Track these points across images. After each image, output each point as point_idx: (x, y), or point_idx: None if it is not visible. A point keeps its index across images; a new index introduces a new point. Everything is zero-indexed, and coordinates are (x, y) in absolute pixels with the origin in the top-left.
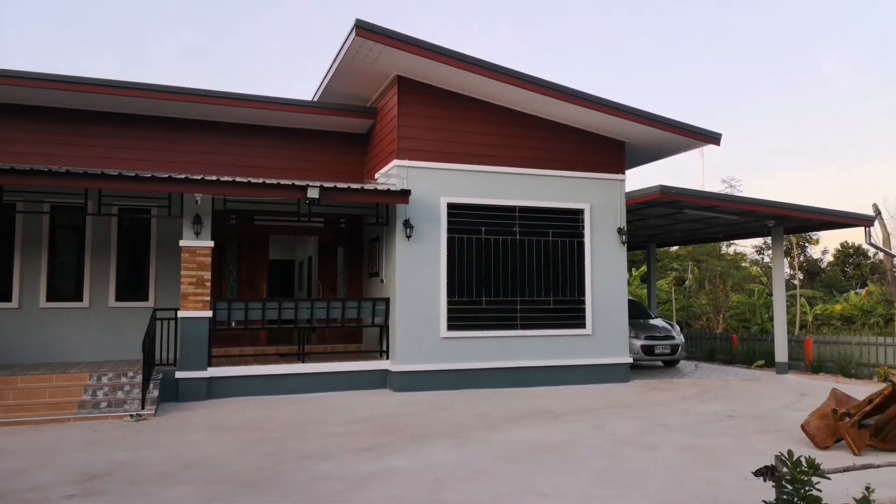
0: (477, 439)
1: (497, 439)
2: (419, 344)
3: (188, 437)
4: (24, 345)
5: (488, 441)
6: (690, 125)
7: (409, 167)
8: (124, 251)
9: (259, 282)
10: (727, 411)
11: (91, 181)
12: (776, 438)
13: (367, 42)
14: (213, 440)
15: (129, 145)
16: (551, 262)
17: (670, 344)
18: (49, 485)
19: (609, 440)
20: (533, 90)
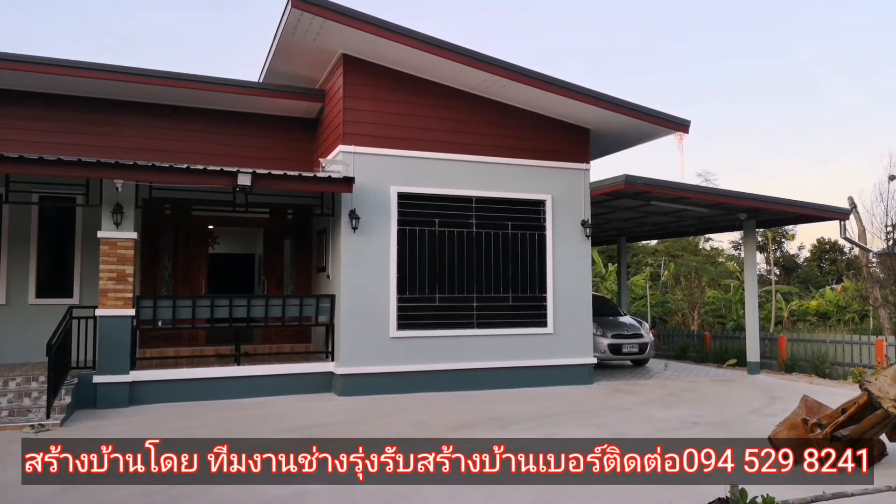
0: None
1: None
2: (366, 344)
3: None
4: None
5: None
6: (658, 111)
7: (354, 153)
8: (46, 244)
9: (197, 277)
10: (692, 417)
11: (2, 165)
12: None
13: (305, 15)
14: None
15: (54, 128)
16: (510, 256)
17: (639, 342)
18: None
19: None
20: (489, 71)
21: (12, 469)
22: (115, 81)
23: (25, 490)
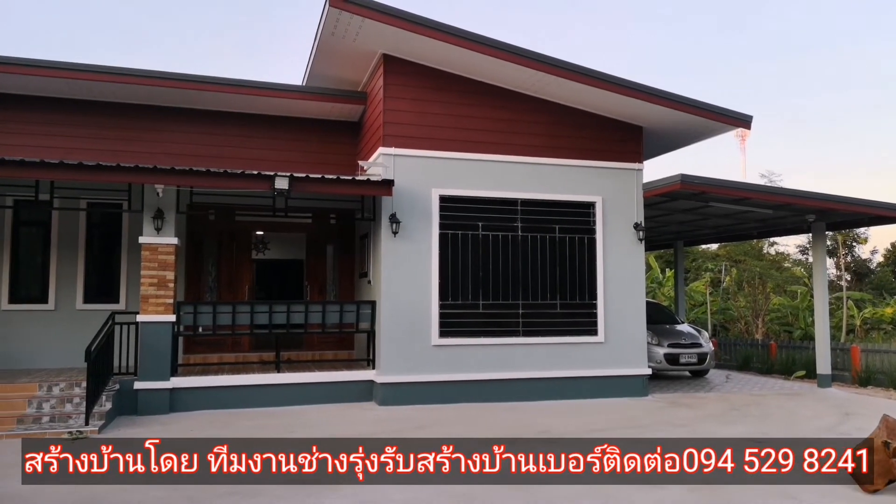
0: (441, 473)
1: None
2: (407, 352)
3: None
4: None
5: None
6: (716, 106)
7: (395, 155)
8: (93, 250)
9: (241, 283)
10: (756, 435)
11: (41, 171)
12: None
13: (344, 14)
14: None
15: (98, 135)
16: (558, 261)
17: (697, 352)
18: None
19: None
20: (535, 68)
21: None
22: (160, 87)
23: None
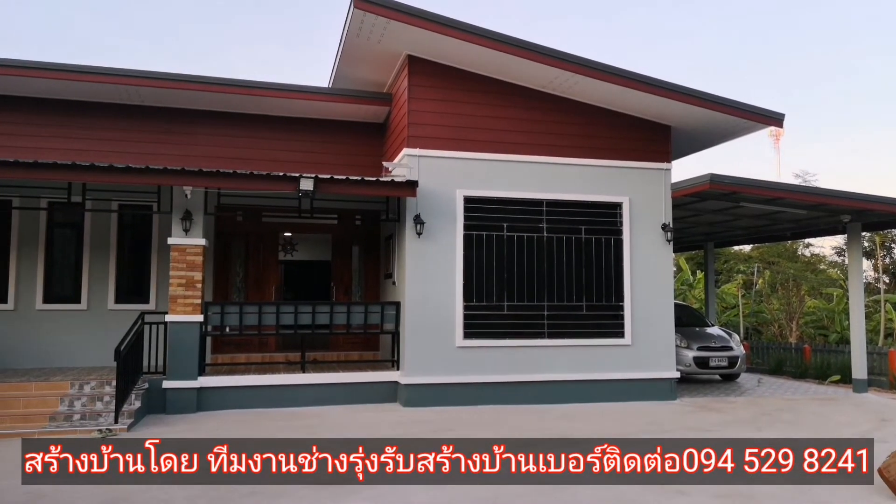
0: (464, 477)
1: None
2: (431, 353)
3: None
4: (19, 348)
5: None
6: (748, 104)
7: (419, 156)
8: (125, 251)
9: (268, 284)
10: (786, 442)
11: (72, 173)
12: (846, 484)
13: (368, 15)
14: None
15: (129, 138)
16: (584, 262)
17: (728, 355)
18: None
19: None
20: (561, 67)
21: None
22: (190, 91)
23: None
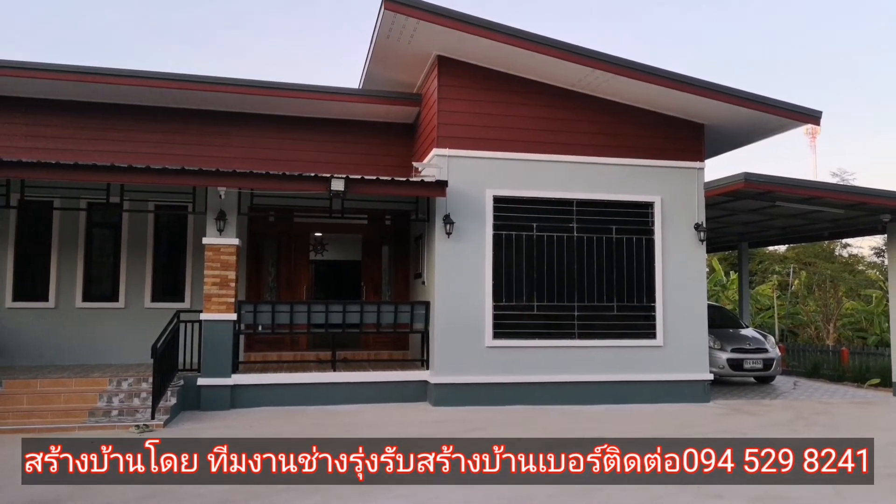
0: (494, 477)
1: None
2: (461, 353)
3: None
4: (60, 345)
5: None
6: (783, 102)
7: (449, 156)
8: (161, 250)
9: (299, 283)
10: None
11: (110, 175)
12: (888, 491)
13: (399, 17)
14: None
15: (165, 140)
16: (615, 262)
17: (763, 358)
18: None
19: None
20: (593, 66)
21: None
22: (224, 93)
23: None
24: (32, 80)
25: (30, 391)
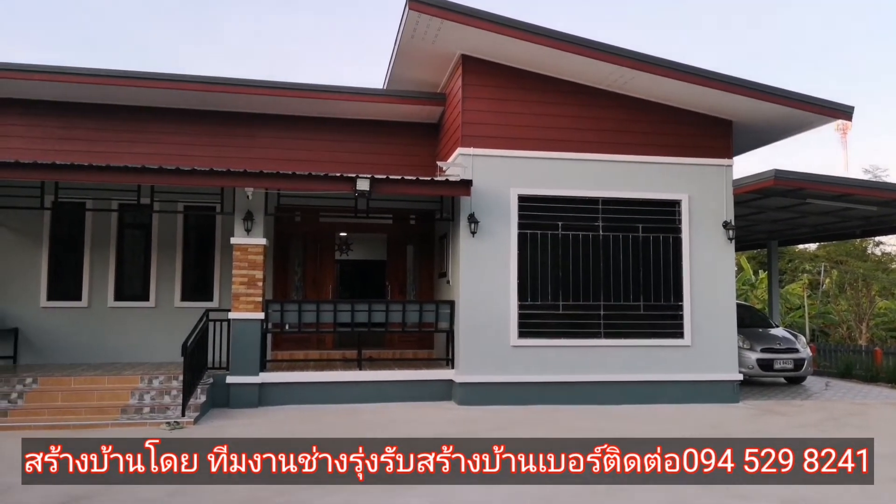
0: (520, 477)
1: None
2: (486, 352)
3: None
4: (92, 344)
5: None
6: (814, 97)
7: (473, 155)
8: (190, 250)
9: (325, 282)
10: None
11: (141, 176)
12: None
13: (423, 17)
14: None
15: (193, 142)
16: (641, 261)
17: (793, 358)
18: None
19: None
20: (618, 63)
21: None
22: (251, 95)
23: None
24: (64, 84)
25: (64, 389)
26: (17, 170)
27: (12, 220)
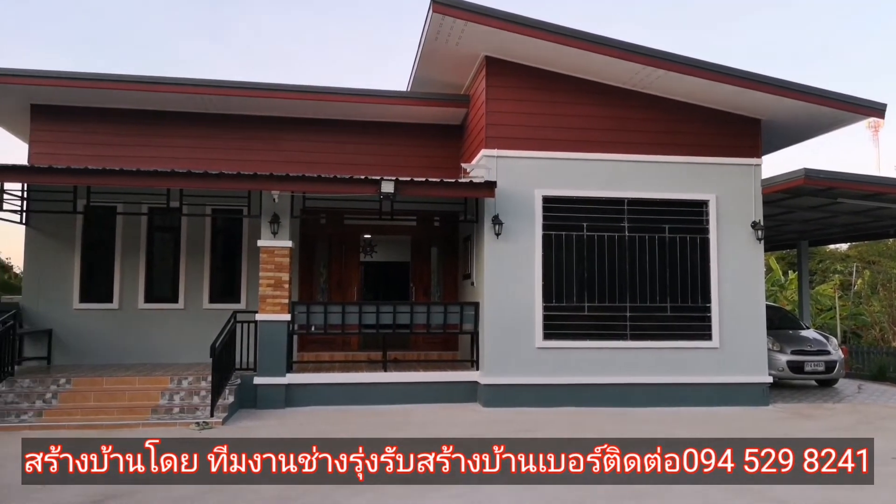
0: (547, 478)
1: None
2: (511, 354)
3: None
4: (123, 345)
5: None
6: (846, 95)
7: (497, 157)
8: (217, 253)
9: (349, 284)
10: (893, 452)
11: (170, 180)
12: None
13: (447, 19)
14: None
15: (219, 146)
16: (668, 262)
17: (825, 360)
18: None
19: None
20: (644, 62)
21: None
22: (277, 99)
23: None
24: (91, 90)
25: (97, 389)
26: (51, 175)
27: (46, 225)
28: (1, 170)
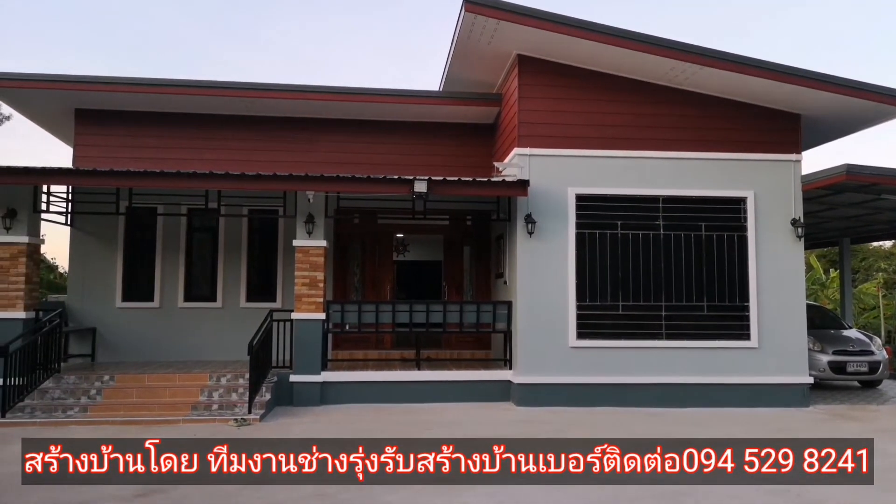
0: (582, 477)
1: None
2: (544, 353)
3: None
4: (164, 343)
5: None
6: (889, 88)
7: (530, 155)
8: (254, 253)
9: (383, 283)
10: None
11: (209, 181)
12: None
13: (479, 18)
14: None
15: (255, 147)
16: (704, 260)
17: (868, 360)
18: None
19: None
20: (679, 58)
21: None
22: (311, 101)
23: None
24: (134, 95)
25: (139, 386)
26: (95, 177)
27: (90, 225)
28: (47, 173)
